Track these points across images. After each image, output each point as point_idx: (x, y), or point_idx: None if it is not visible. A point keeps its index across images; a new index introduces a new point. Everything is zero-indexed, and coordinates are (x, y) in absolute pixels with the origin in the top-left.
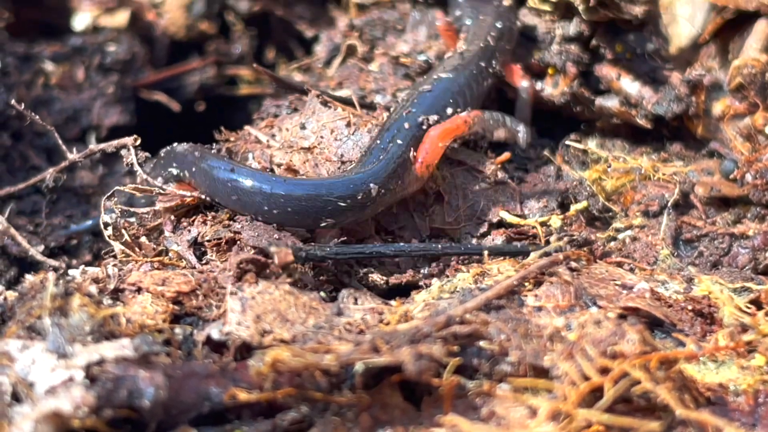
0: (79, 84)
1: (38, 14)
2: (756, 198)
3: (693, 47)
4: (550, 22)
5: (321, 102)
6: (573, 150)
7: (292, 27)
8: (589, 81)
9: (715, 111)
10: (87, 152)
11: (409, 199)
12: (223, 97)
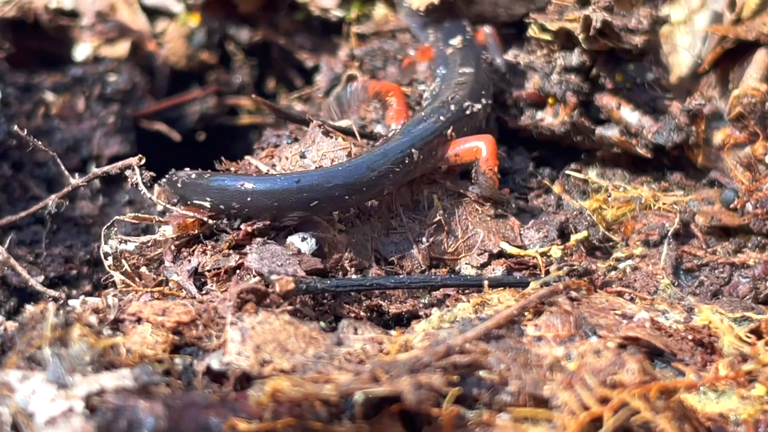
0: (79, 114)
1: (39, 44)
2: (756, 227)
3: (693, 77)
4: (550, 52)
5: (322, 132)
6: (573, 179)
7: (292, 57)
8: (589, 110)
9: (716, 140)
10: (90, 176)
11: (409, 229)
12: (224, 127)
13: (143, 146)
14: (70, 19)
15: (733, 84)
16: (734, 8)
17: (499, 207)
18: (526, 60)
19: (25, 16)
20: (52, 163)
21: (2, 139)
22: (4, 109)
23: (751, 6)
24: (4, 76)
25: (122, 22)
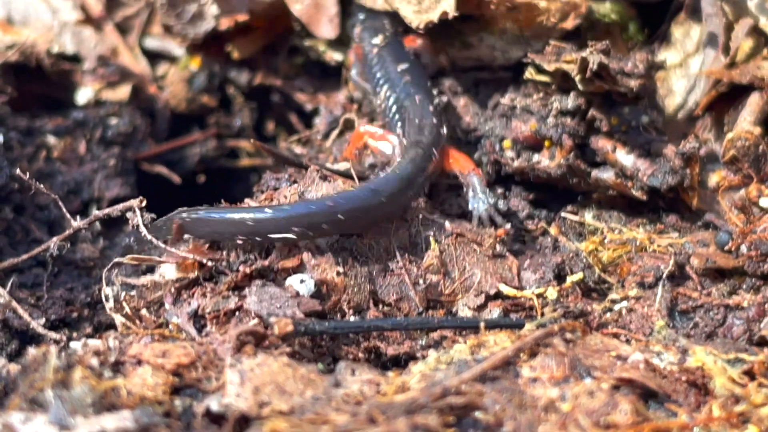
0: (80, 157)
1: (41, 88)
2: (751, 269)
3: (688, 120)
4: (546, 96)
5: (319, 176)
6: (570, 222)
7: (292, 100)
8: (585, 153)
9: (711, 183)
10: (91, 218)
11: (407, 271)
12: (224, 169)
13: (143, 189)
14: (72, 64)
15: (728, 127)
16: (728, 52)
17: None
18: (522, 103)
19: (28, 61)
20: (53, 206)
21: (4, 183)
22: (7, 153)
23: (744, 50)
24: (6, 120)
25: (124, 65)
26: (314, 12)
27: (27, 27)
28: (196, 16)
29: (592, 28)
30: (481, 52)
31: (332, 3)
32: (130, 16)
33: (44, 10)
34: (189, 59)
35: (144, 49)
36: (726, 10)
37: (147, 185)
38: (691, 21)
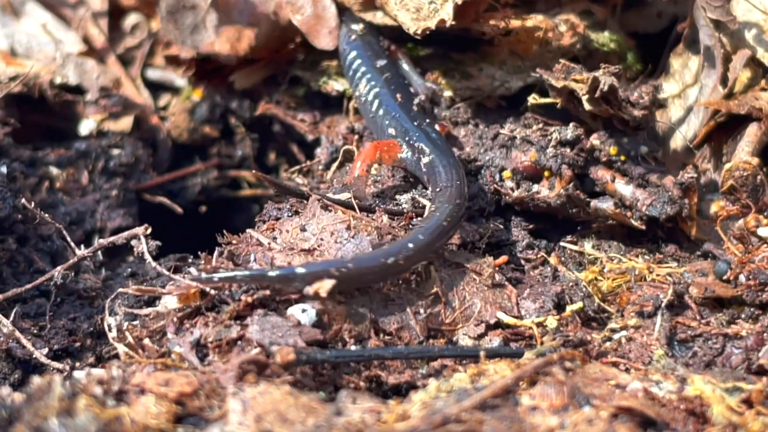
0: (83, 188)
1: (43, 119)
2: (750, 298)
3: (687, 150)
4: (545, 126)
5: (321, 206)
6: (569, 251)
7: (293, 130)
8: (584, 183)
9: (709, 213)
10: (96, 247)
11: (407, 301)
12: (226, 199)
13: (145, 219)
14: (75, 95)
15: (726, 157)
16: (726, 83)
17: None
18: (522, 134)
19: (31, 92)
20: (56, 237)
21: (8, 214)
22: (10, 184)
23: (742, 81)
24: (9, 151)
25: (126, 96)
26: (314, 23)
27: (30, 58)
28: (196, 26)
29: (590, 57)
30: (481, 83)
31: (332, 15)
32: (132, 47)
33: (47, 41)
34: (191, 90)
35: (146, 80)
36: (724, 42)
37: (149, 216)
38: (689, 52)
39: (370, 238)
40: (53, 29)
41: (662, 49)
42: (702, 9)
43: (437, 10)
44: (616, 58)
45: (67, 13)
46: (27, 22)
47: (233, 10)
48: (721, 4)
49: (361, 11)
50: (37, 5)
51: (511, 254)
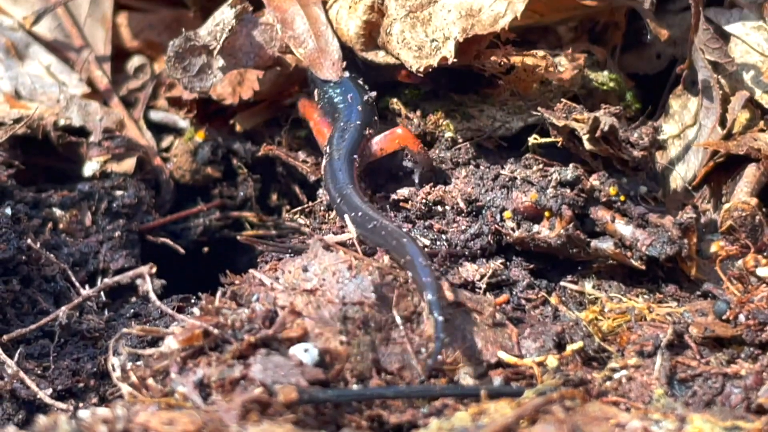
0: (86, 229)
1: (47, 161)
2: (749, 338)
3: (686, 190)
4: (546, 167)
5: (322, 246)
6: (570, 291)
7: (295, 171)
8: (584, 223)
9: (709, 252)
10: (101, 287)
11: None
12: (228, 240)
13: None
14: (78, 137)
15: (726, 197)
16: (725, 124)
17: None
18: (522, 174)
19: (35, 134)
20: (60, 278)
21: (12, 255)
22: (14, 226)
23: (741, 122)
24: (13, 193)
25: (129, 138)
26: (318, 56)
27: (34, 101)
28: (202, 69)
29: (590, 96)
30: (482, 123)
31: (335, 48)
32: (135, 89)
33: (51, 83)
34: (193, 131)
35: (149, 122)
36: (722, 83)
37: (151, 257)
38: (688, 93)
39: (371, 277)
40: (57, 71)
41: (661, 90)
42: (700, 50)
43: (439, 48)
44: (615, 97)
45: (71, 55)
46: (31, 64)
47: (239, 52)
48: (719, 46)
49: (363, 51)
50: (41, 48)
51: (511, 294)
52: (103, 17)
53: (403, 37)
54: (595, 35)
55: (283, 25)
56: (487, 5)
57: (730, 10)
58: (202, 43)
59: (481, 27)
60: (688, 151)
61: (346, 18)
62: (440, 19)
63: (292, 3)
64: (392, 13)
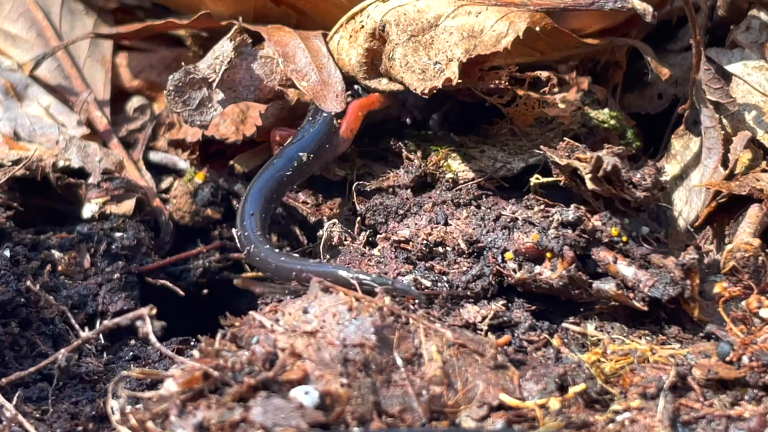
0: (85, 271)
1: (46, 202)
2: (753, 380)
3: (689, 231)
4: (547, 207)
5: (321, 288)
6: (572, 333)
7: (295, 212)
8: (586, 264)
9: (712, 294)
10: (100, 329)
11: (410, 382)
12: (228, 282)
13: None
14: (77, 178)
15: (728, 238)
16: (727, 164)
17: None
18: (524, 215)
19: (33, 175)
20: (58, 320)
21: (10, 297)
22: (12, 268)
23: (743, 162)
24: (11, 235)
25: (128, 179)
26: (321, 88)
27: (33, 142)
28: (202, 103)
29: (590, 134)
30: (483, 164)
31: (338, 80)
32: (135, 129)
33: (50, 124)
34: (193, 172)
35: (148, 163)
36: (724, 123)
37: (151, 299)
38: (690, 133)
39: (372, 319)
40: (56, 112)
41: (663, 130)
42: (702, 90)
43: (443, 70)
44: (616, 136)
45: (70, 96)
46: (30, 105)
47: (239, 86)
48: (721, 86)
49: (365, 79)
50: (41, 89)
51: (513, 335)
52: (103, 58)
53: (406, 61)
54: (596, 74)
55: (284, 60)
56: (489, 26)
57: (732, 50)
58: (201, 76)
59: (483, 47)
60: (690, 191)
61: (348, 47)
62: (442, 41)
63: (293, 37)
64: (394, 38)
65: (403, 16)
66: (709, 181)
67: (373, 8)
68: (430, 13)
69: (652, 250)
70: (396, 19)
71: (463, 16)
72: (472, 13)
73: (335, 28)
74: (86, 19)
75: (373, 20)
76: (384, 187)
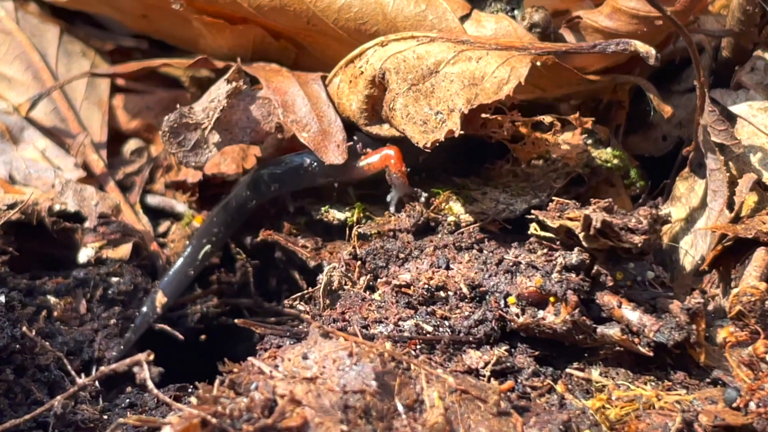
0: (81, 317)
1: (41, 247)
2: (760, 427)
3: (695, 274)
4: (550, 251)
5: (321, 333)
6: (576, 378)
7: (295, 257)
8: (590, 309)
9: (718, 339)
10: (97, 375)
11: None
12: (226, 327)
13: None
14: (73, 222)
15: (735, 282)
16: (733, 207)
17: (410, 199)
18: (526, 259)
19: (29, 219)
20: (54, 367)
21: (5, 344)
22: (7, 314)
23: (749, 204)
24: (6, 280)
25: (125, 223)
26: (321, 139)
27: (29, 186)
28: (198, 145)
29: (593, 174)
30: (485, 206)
31: (339, 129)
32: (132, 172)
33: (46, 168)
34: (191, 216)
35: (146, 206)
36: (729, 165)
37: (147, 344)
38: (695, 176)
39: (373, 365)
40: (52, 156)
41: (668, 172)
42: (706, 132)
43: (444, 121)
44: (619, 176)
45: (66, 138)
46: (26, 148)
47: (235, 127)
48: (725, 128)
49: (366, 125)
50: (37, 132)
51: (516, 381)
52: (100, 100)
53: (407, 111)
54: (599, 114)
55: (284, 110)
56: (490, 72)
57: (736, 91)
58: (195, 120)
59: (485, 96)
60: (695, 234)
61: (348, 92)
62: (443, 90)
63: (291, 82)
64: (394, 87)
65: (403, 63)
66: (715, 224)
67: (372, 52)
68: (430, 60)
69: (658, 295)
70: (396, 67)
71: (463, 62)
72: (473, 59)
73: (334, 71)
74: (83, 61)
75: (372, 67)
76: (385, 231)
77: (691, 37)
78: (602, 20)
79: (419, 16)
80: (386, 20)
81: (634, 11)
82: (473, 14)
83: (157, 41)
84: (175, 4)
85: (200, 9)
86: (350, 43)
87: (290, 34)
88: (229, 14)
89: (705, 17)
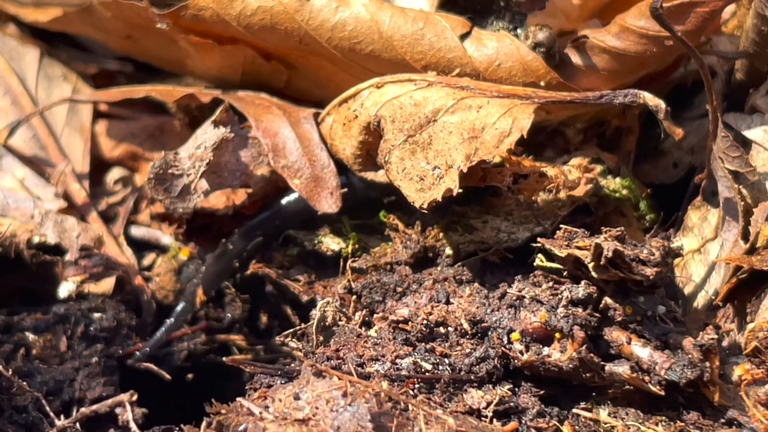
0: (61, 355)
1: (20, 281)
2: None
3: (709, 309)
4: (556, 284)
5: (314, 372)
6: (583, 419)
7: (287, 291)
8: (598, 345)
9: (733, 376)
10: (77, 416)
11: None
12: (214, 365)
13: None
14: (53, 255)
15: (751, 316)
16: (748, 238)
17: None
18: (531, 293)
19: (6, 252)
20: (32, 408)
21: None
22: None
23: (765, 235)
24: None
25: (108, 256)
26: (314, 186)
27: (6, 216)
28: (185, 190)
29: (601, 204)
30: (486, 236)
31: (332, 175)
32: (115, 203)
33: (24, 198)
34: (178, 249)
35: (130, 238)
36: (744, 194)
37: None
38: (708, 205)
39: (368, 405)
40: (31, 185)
41: (679, 201)
42: (719, 159)
43: (442, 177)
44: (629, 206)
45: (46, 167)
46: (4, 177)
47: (224, 171)
48: (740, 155)
49: (360, 170)
50: (15, 160)
51: (521, 422)
52: (82, 126)
53: (403, 165)
54: (607, 140)
55: (274, 154)
56: (491, 123)
57: (751, 116)
58: (181, 169)
59: (485, 150)
60: (709, 266)
61: (341, 134)
62: (441, 142)
63: (282, 122)
64: (390, 137)
65: (399, 111)
66: (729, 255)
67: (367, 94)
68: (428, 107)
69: (669, 330)
70: (392, 115)
71: (463, 110)
72: (473, 108)
73: (327, 109)
74: (64, 85)
75: (367, 112)
76: (381, 263)
77: (702, 59)
78: (610, 40)
79: (417, 34)
80: (382, 39)
81: (644, 31)
82: (473, 32)
83: (142, 64)
84: (161, 23)
85: (187, 28)
86: (344, 63)
87: (281, 55)
88: (217, 34)
89: (718, 38)
